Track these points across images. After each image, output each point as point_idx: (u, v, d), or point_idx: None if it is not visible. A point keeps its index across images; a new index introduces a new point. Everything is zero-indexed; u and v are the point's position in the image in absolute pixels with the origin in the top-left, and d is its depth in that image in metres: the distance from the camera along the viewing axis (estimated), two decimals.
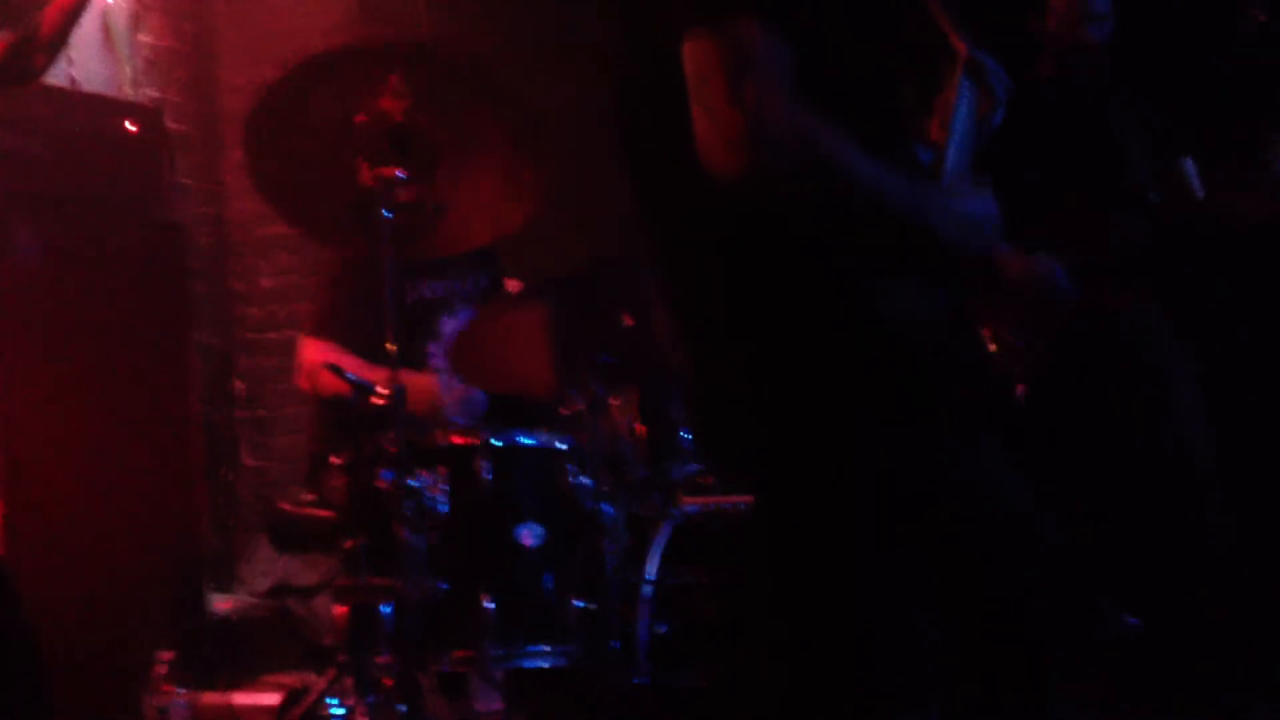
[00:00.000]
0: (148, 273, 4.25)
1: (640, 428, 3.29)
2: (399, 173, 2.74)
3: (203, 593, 4.26)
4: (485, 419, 3.60)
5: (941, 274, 1.65)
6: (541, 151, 2.87)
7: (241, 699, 3.96)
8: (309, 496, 3.94)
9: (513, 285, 3.65)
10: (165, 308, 4.32)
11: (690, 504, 3.17)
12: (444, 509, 2.80)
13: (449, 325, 3.60)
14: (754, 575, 1.83)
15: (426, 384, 3.43)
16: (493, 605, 2.80)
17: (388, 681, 2.69)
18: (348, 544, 2.85)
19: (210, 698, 3.72)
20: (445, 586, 2.75)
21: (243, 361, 5.64)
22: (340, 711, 2.79)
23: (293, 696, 4.08)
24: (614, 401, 3.35)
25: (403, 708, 2.69)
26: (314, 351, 3.57)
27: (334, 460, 3.02)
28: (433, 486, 2.79)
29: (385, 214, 2.73)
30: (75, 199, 4.10)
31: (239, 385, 5.64)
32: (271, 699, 4.05)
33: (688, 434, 3.40)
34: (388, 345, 2.78)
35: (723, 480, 3.38)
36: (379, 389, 2.79)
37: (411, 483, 2.72)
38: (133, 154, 4.26)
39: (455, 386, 3.51)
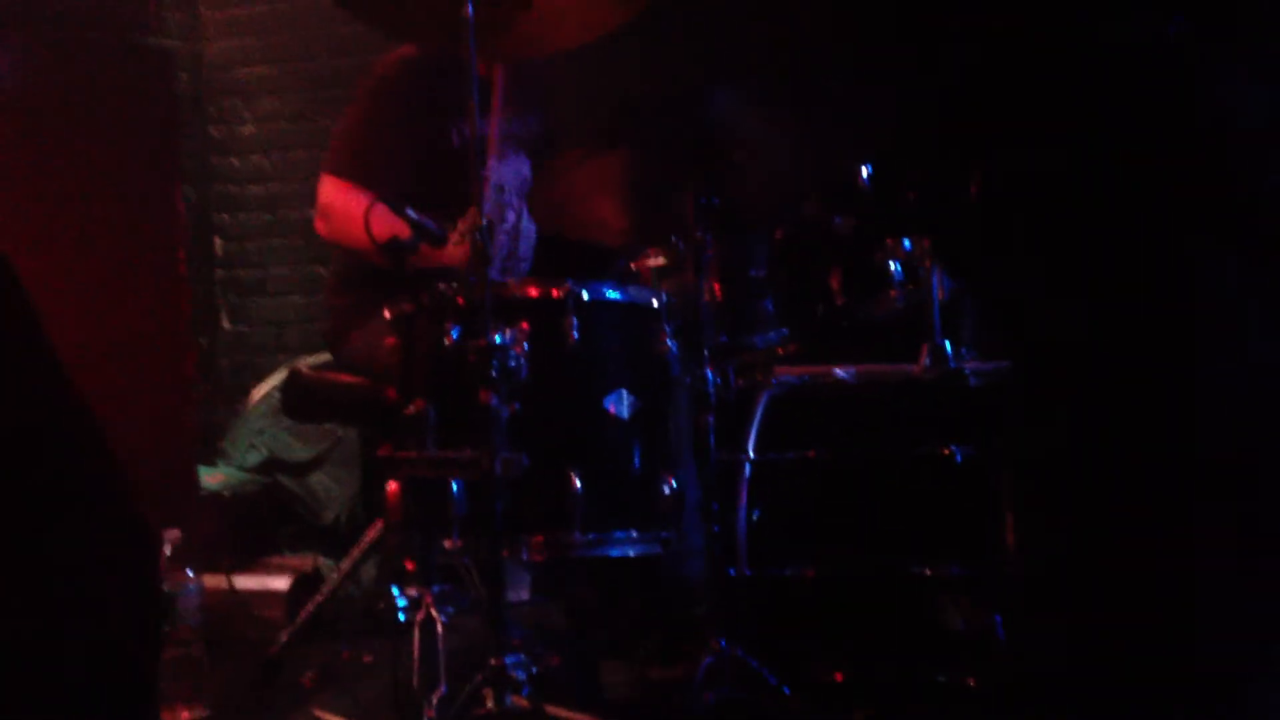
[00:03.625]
0: (132, 108, 3.75)
1: (718, 287, 2.89)
2: None
3: (195, 467, 3.84)
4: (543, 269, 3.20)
5: None
6: None
7: (246, 582, 3.57)
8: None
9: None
10: (151, 147, 3.83)
11: (786, 374, 2.79)
12: (525, 373, 2.39)
13: (497, 172, 3.17)
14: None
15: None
16: (580, 484, 2.41)
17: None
18: (409, 409, 2.44)
19: (213, 580, 3.32)
20: (528, 461, 2.35)
21: (221, 217, 5.16)
22: (403, 603, 2.40)
23: (303, 580, 3.70)
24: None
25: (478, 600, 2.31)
26: (336, 191, 3.12)
27: (386, 313, 2.59)
28: (515, 345, 2.37)
29: (469, 10, 2.27)
30: (50, 17, 3.58)
31: (218, 243, 5.17)
32: (279, 583, 3.68)
33: (769, 300, 3.02)
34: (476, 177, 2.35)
35: (808, 350, 3.01)
36: (457, 230, 2.36)
37: (493, 340, 2.30)
38: None
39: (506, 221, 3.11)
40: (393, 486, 2.52)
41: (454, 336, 2.45)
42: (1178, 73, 1.79)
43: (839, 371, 2.78)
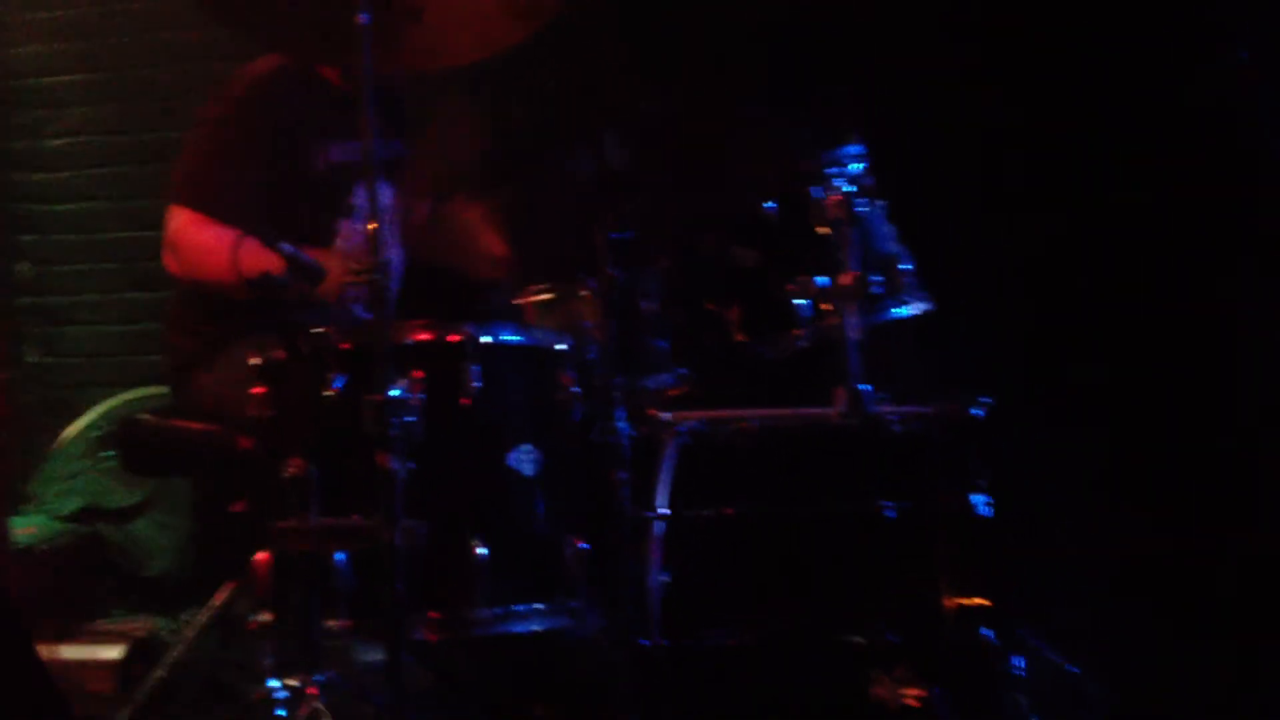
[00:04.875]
0: None
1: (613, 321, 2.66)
2: None
3: (5, 523, 3.43)
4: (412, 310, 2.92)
5: None
6: None
7: (72, 652, 3.18)
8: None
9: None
10: None
11: (690, 420, 2.58)
12: (420, 428, 2.12)
13: (362, 198, 2.89)
14: None
15: (339, 261, 2.71)
16: (482, 553, 2.16)
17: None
18: (288, 470, 2.15)
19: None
20: (425, 528, 2.08)
21: (26, 239, 4.69)
22: (283, 694, 2.10)
23: (138, 648, 3.33)
24: (582, 292, 2.73)
25: (371, 691, 2.03)
26: (189, 223, 2.79)
27: (252, 360, 2.29)
28: (408, 397, 2.10)
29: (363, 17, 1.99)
30: None
31: (23, 267, 4.70)
32: (111, 652, 3.30)
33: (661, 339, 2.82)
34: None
35: (707, 392, 2.82)
36: (350, 270, 2.08)
37: (389, 394, 2.03)
38: None
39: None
40: (262, 558, 2.22)
41: (337, 387, 2.17)
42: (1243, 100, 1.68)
43: (746, 415, 2.58)
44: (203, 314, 2.90)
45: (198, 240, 2.75)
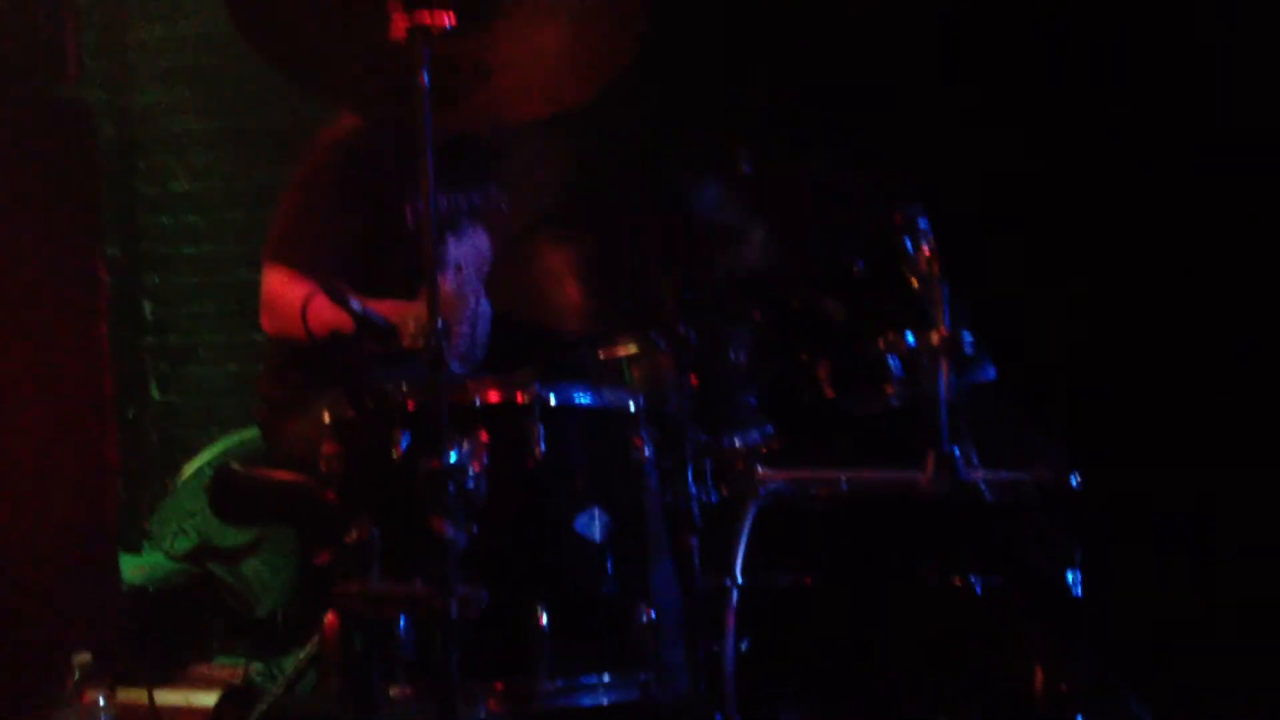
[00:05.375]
0: (50, 165, 3.42)
1: (694, 378, 2.58)
2: (445, 19, 1.96)
3: (118, 566, 3.48)
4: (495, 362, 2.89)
5: None
6: None
7: (168, 697, 3.22)
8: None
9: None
10: (70, 209, 3.49)
11: (774, 480, 2.49)
12: (483, 491, 2.07)
13: (455, 250, 2.87)
14: None
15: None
16: (547, 621, 2.10)
17: None
18: (351, 536, 2.12)
19: (131, 696, 2.97)
20: (488, 596, 2.03)
21: (151, 279, 4.81)
22: None
23: (232, 695, 3.34)
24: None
25: None
26: (281, 281, 2.79)
27: (326, 416, 2.27)
28: (472, 459, 2.06)
29: (424, 78, 1.95)
30: None
31: (147, 307, 4.81)
32: (205, 698, 3.32)
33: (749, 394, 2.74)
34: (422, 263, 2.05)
35: (797, 450, 2.72)
36: (407, 327, 2.05)
37: (448, 459, 1.98)
38: (28, 12, 3.40)
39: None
40: (331, 620, 2.19)
41: (403, 447, 2.14)
42: None
43: (835, 477, 2.48)
44: (293, 365, 2.90)
45: (289, 298, 2.75)
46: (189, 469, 4.38)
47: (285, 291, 2.76)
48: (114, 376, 3.70)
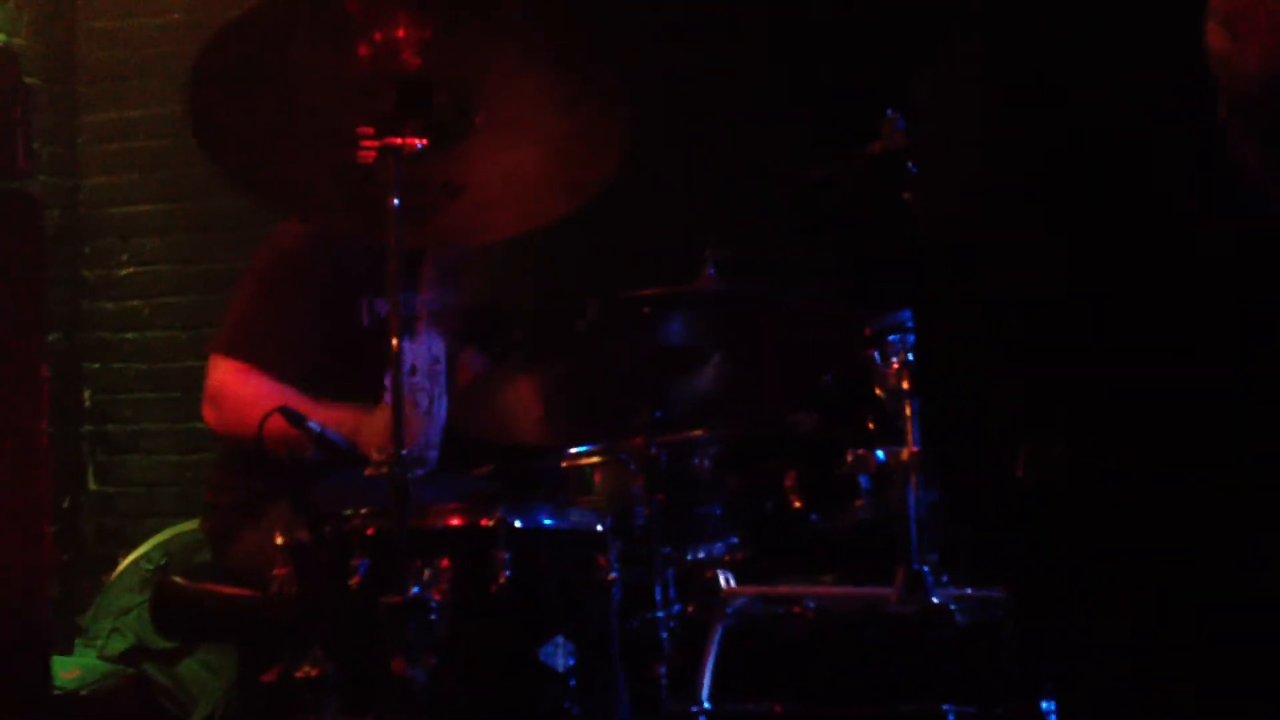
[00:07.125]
0: None
1: (660, 495, 2.52)
2: (417, 143, 1.91)
3: (50, 671, 3.34)
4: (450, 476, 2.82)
5: None
6: (611, 112, 2.06)
7: None
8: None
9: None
10: (13, 305, 3.38)
11: (741, 596, 2.43)
12: (445, 624, 1.99)
13: (409, 352, 2.80)
14: None
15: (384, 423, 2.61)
16: None
17: None
18: (303, 671, 2.03)
19: None
20: None
21: (91, 365, 4.69)
22: None
23: None
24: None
25: None
26: (230, 375, 2.71)
27: (279, 539, 2.19)
28: (434, 588, 1.98)
29: (395, 199, 1.90)
30: None
31: (86, 395, 4.69)
32: None
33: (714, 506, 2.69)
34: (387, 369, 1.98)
35: (764, 560, 2.68)
36: (372, 452, 1.97)
37: (410, 594, 1.91)
38: None
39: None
40: None
41: (361, 574, 2.06)
42: None
43: (802, 593, 2.43)
44: (243, 473, 2.81)
45: (238, 394, 2.67)
46: (125, 563, 4.25)
47: (237, 389, 2.69)
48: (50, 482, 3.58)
